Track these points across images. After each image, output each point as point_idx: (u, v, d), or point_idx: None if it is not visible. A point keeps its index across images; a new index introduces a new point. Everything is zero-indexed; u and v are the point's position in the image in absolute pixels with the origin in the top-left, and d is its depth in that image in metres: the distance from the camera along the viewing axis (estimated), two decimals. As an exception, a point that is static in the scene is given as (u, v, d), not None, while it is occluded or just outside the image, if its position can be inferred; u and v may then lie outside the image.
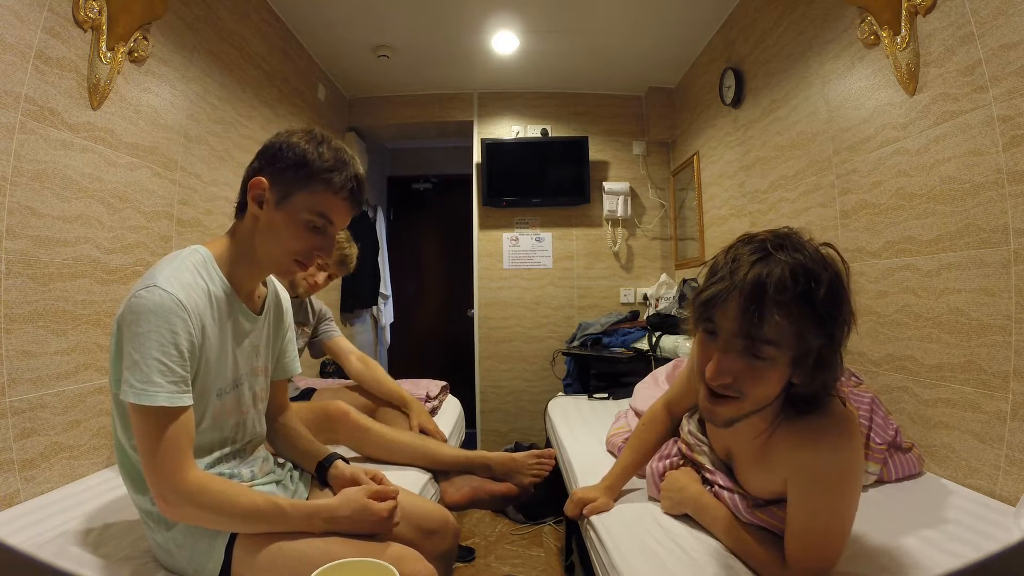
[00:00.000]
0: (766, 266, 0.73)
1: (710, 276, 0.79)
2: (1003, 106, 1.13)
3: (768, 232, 0.79)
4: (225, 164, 2.05)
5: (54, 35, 1.27)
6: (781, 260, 0.73)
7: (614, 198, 3.35)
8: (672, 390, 1.25)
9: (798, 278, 0.72)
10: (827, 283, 0.72)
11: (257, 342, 1.02)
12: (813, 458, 0.79)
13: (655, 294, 3.23)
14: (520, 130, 3.45)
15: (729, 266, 0.76)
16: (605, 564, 1.02)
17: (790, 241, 0.76)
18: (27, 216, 1.21)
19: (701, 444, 1.09)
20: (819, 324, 0.73)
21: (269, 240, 0.92)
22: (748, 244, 0.78)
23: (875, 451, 1.23)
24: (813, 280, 0.72)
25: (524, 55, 2.96)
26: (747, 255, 0.75)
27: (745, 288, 0.73)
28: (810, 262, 0.73)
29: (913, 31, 1.36)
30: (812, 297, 0.71)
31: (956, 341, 1.27)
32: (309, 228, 0.92)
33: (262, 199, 0.91)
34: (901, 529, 1.01)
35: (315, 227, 0.92)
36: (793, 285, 0.71)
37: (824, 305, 0.72)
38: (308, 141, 0.91)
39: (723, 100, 2.56)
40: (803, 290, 0.71)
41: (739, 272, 0.74)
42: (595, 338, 2.94)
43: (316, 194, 0.90)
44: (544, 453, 1.53)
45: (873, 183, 1.54)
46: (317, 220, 0.91)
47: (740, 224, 2.45)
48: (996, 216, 1.16)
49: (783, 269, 0.72)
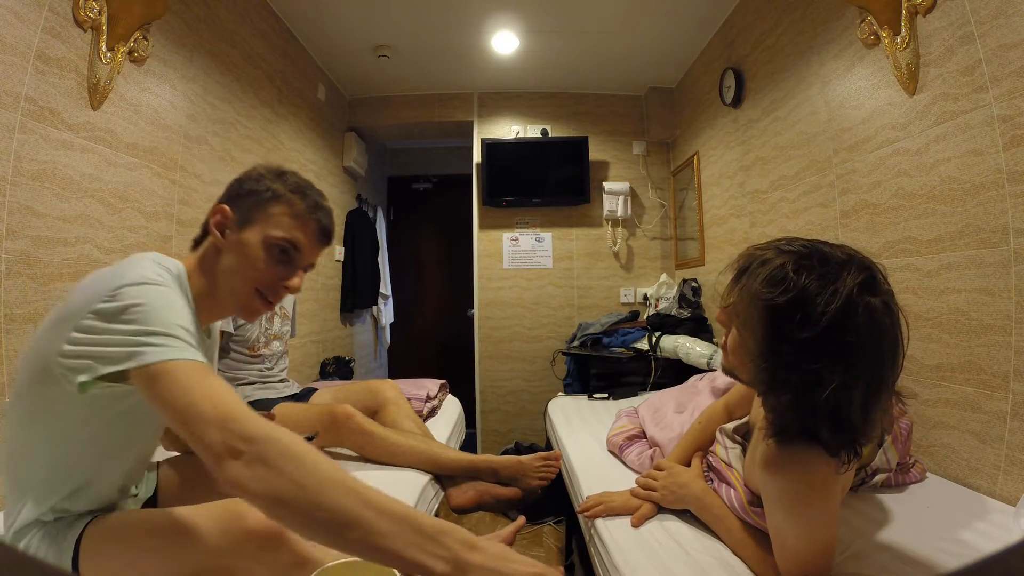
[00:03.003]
0: (779, 257, 0.74)
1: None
2: (1003, 106, 1.13)
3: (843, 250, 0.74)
4: (225, 164, 2.05)
5: (54, 35, 1.27)
6: (786, 264, 0.72)
7: (614, 198, 3.35)
8: (735, 393, 1.25)
9: (775, 284, 0.71)
10: (804, 318, 0.68)
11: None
12: (771, 480, 0.78)
13: (655, 294, 3.23)
14: (520, 130, 3.44)
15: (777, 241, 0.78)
16: (606, 563, 1.02)
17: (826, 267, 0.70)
18: (27, 216, 1.21)
19: (726, 439, 1.10)
20: (775, 338, 0.70)
21: (230, 270, 0.87)
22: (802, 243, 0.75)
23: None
24: (791, 297, 0.69)
25: (524, 55, 2.96)
26: (796, 244, 0.75)
27: (753, 257, 0.76)
28: (809, 292, 0.68)
29: (913, 31, 1.36)
30: (779, 310, 0.70)
31: (956, 341, 1.27)
32: (273, 255, 0.87)
33: (224, 226, 0.88)
34: (901, 529, 1.01)
35: (281, 251, 0.88)
36: (766, 281, 0.72)
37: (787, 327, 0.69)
38: (272, 171, 0.91)
39: (723, 100, 2.56)
40: (772, 300, 0.71)
41: (771, 246, 0.77)
42: (595, 338, 2.94)
43: (280, 217, 0.88)
44: (550, 455, 1.53)
45: (873, 183, 1.55)
46: (282, 243, 0.88)
47: (740, 224, 2.46)
48: (996, 216, 1.16)
49: (777, 269, 0.72)
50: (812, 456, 0.73)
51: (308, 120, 2.87)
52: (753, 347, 0.75)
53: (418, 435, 1.62)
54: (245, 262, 0.87)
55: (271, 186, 0.89)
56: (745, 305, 0.76)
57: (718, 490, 1.04)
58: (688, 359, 2.44)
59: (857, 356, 0.68)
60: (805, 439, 0.73)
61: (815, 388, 0.68)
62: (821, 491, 0.75)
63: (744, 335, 0.78)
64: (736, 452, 1.06)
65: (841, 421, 0.69)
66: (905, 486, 1.23)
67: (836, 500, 0.78)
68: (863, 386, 0.68)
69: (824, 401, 0.68)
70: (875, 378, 0.69)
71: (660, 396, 1.74)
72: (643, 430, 1.56)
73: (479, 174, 3.40)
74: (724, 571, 0.89)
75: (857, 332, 0.67)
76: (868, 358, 0.68)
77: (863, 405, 0.69)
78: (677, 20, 2.58)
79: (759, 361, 0.73)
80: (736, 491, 0.98)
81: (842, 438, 0.71)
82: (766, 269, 0.73)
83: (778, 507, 0.79)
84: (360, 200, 3.67)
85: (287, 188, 0.90)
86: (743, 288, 0.76)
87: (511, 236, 3.45)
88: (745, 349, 0.77)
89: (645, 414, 1.62)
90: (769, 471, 0.78)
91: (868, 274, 0.70)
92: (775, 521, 0.80)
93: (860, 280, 0.69)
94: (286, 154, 2.59)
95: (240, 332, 1.79)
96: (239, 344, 1.79)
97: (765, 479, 0.80)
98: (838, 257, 0.72)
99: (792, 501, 0.76)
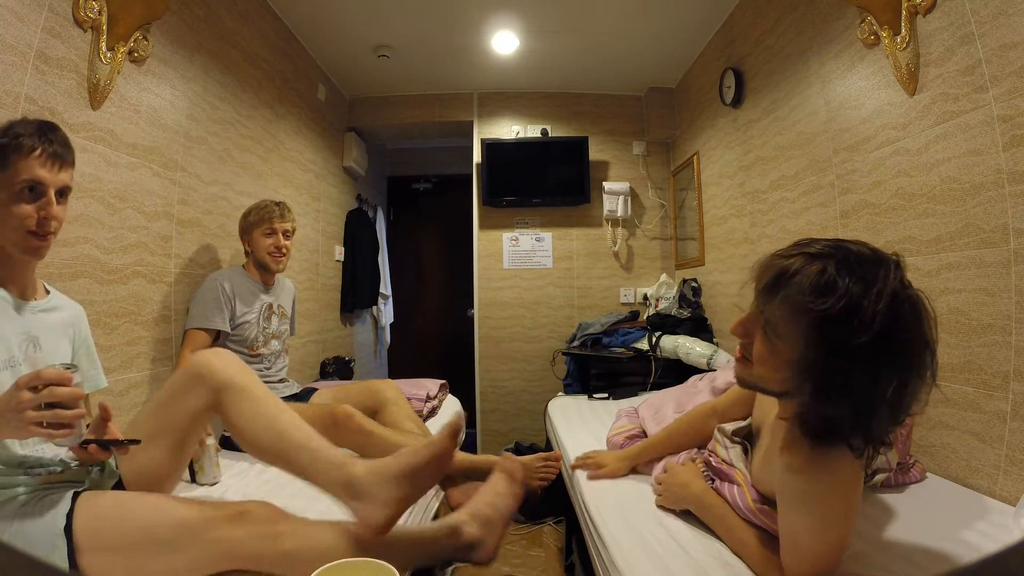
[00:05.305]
0: (813, 263, 0.71)
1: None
2: (1003, 106, 1.13)
3: (866, 247, 0.73)
4: (225, 164, 2.05)
5: (54, 35, 1.27)
6: (827, 270, 0.70)
7: (614, 198, 3.35)
8: (726, 397, 1.26)
9: (824, 292, 0.69)
10: (860, 324, 0.67)
11: (35, 334, 1.03)
12: (797, 480, 0.78)
13: (655, 294, 3.23)
14: (520, 130, 3.44)
15: (800, 245, 0.76)
16: (606, 563, 1.02)
17: (863, 268, 0.69)
18: (27, 216, 1.21)
19: (725, 439, 1.10)
20: (827, 348, 0.69)
21: (1, 228, 0.95)
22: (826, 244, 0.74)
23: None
24: (844, 304, 0.67)
25: (524, 55, 2.96)
26: (820, 246, 0.74)
27: (784, 267, 0.74)
28: (855, 296, 0.67)
29: (913, 31, 1.36)
30: (832, 318, 0.68)
31: (956, 341, 1.27)
32: (21, 199, 0.95)
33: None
34: (901, 529, 1.01)
35: (27, 192, 0.95)
36: (812, 294, 0.69)
37: (842, 334, 0.67)
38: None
39: (723, 100, 2.56)
40: (825, 309, 0.68)
41: (797, 252, 0.75)
42: (595, 338, 2.94)
43: (13, 166, 0.94)
44: (551, 456, 1.53)
45: (873, 183, 1.54)
46: (23, 185, 0.94)
47: (740, 224, 2.46)
48: (996, 216, 1.16)
49: (819, 276, 0.70)
50: (839, 456, 0.73)
51: (308, 120, 2.87)
52: (794, 356, 0.72)
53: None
54: (4, 214, 0.95)
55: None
56: (788, 316, 0.72)
57: (720, 489, 1.04)
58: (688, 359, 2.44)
59: (912, 352, 0.68)
60: (833, 440, 0.73)
61: (873, 389, 0.68)
62: (846, 493, 0.75)
63: (781, 346, 0.74)
64: (737, 451, 1.06)
65: (893, 417, 0.70)
66: (905, 486, 1.23)
67: (857, 503, 0.77)
68: (916, 379, 0.68)
69: (881, 401, 0.68)
70: (924, 368, 0.69)
71: (660, 396, 1.74)
72: (643, 430, 1.56)
73: (479, 174, 3.40)
74: (724, 571, 0.89)
75: (908, 329, 0.67)
76: (919, 352, 0.68)
77: (916, 396, 0.69)
78: (677, 20, 2.58)
79: (807, 370, 0.71)
80: (741, 489, 0.98)
81: (877, 436, 0.71)
82: (807, 278, 0.71)
83: (798, 507, 0.78)
84: (360, 200, 3.67)
85: (8, 135, 0.95)
86: (784, 299, 0.72)
87: (511, 236, 3.45)
88: (781, 359, 0.75)
89: (645, 414, 1.62)
90: (795, 470, 0.77)
91: (901, 269, 0.71)
92: (790, 521, 0.80)
93: (900, 277, 0.69)
94: (286, 154, 2.59)
95: (238, 332, 1.79)
96: (238, 343, 1.79)
97: (788, 479, 0.79)
98: (868, 255, 0.71)
99: (816, 501, 0.76)
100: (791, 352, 0.73)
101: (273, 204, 1.89)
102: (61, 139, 1.00)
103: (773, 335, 0.75)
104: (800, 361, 0.72)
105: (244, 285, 1.84)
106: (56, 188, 0.99)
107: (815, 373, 0.70)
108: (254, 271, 1.90)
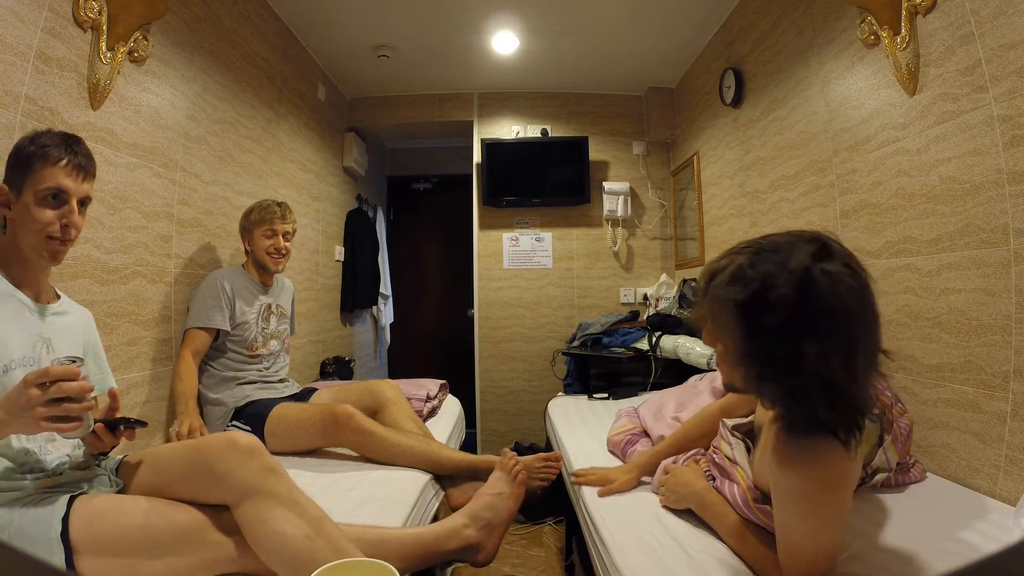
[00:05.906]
0: (734, 260, 0.75)
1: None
2: (1003, 106, 1.13)
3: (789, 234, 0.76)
4: (225, 164, 2.05)
5: (54, 35, 1.27)
6: (742, 262, 0.74)
7: (614, 198, 3.35)
8: (728, 398, 1.26)
9: (737, 280, 0.72)
10: (770, 305, 0.69)
11: (48, 336, 1.04)
12: (784, 476, 0.78)
13: (655, 294, 3.23)
14: (520, 130, 3.45)
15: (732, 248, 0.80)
16: (606, 563, 1.02)
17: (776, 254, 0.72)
18: (27, 216, 1.21)
19: (729, 434, 1.11)
20: (751, 333, 0.71)
21: (22, 232, 1.00)
22: (752, 241, 0.78)
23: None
24: (754, 288, 0.70)
25: (524, 55, 2.96)
26: (744, 244, 0.78)
27: (712, 269, 0.79)
28: (767, 279, 0.70)
29: (913, 31, 1.36)
30: (747, 304, 0.71)
31: (956, 341, 1.27)
32: (44, 205, 0.99)
33: (9, 202, 1.00)
34: (901, 529, 1.01)
35: (50, 199, 0.99)
36: (729, 283, 0.73)
37: (759, 317, 0.70)
38: (26, 138, 1.01)
39: (723, 100, 2.56)
40: (737, 297, 0.72)
41: (726, 254, 0.79)
42: (595, 338, 2.94)
43: (39, 173, 0.98)
44: (551, 456, 1.53)
45: (873, 183, 1.55)
46: (47, 192, 0.99)
47: (740, 224, 2.46)
48: (996, 216, 1.16)
49: (735, 269, 0.74)
50: (826, 449, 0.72)
51: (308, 120, 2.87)
52: (735, 350, 0.75)
53: (418, 435, 1.62)
54: (28, 219, 0.99)
55: (25, 149, 1.00)
56: (717, 312, 0.77)
57: (720, 487, 1.04)
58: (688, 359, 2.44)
59: (826, 321, 0.68)
60: (814, 430, 0.73)
61: (798, 366, 0.68)
62: (835, 489, 0.75)
63: (725, 343, 0.78)
64: (740, 448, 1.06)
65: (833, 393, 0.69)
66: (905, 486, 1.23)
67: (847, 499, 0.77)
68: (841, 349, 0.68)
69: (811, 376, 0.68)
70: (850, 338, 0.69)
71: (660, 396, 1.74)
72: (643, 430, 1.56)
73: (479, 174, 3.40)
74: (724, 571, 0.89)
75: (822, 300, 0.68)
76: (837, 320, 0.68)
77: (847, 368, 0.69)
78: (677, 20, 2.58)
79: (744, 362, 0.74)
80: (740, 487, 0.98)
81: (842, 413, 0.71)
82: (726, 275, 0.75)
83: (788, 503, 0.78)
84: (360, 200, 3.67)
85: (38, 144, 1.00)
86: (713, 299, 0.77)
87: (511, 236, 3.45)
88: (729, 356, 0.77)
89: (645, 414, 1.62)
90: (782, 466, 0.77)
91: (818, 244, 0.72)
92: (783, 518, 0.80)
93: (812, 251, 0.70)
94: (286, 154, 2.59)
95: (237, 332, 1.79)
96: (237, 344, 1.79)
97: (778, 475, 0.79)
98: (786, 240, 0.74)
99: (803, 498, 0.75)
100: (732, 347, 0.76)
101: (275, 205, 1.89)
102: (85, 151, 1.05)
103: (717, 336, 0.79)
104: (737, 353, 0.75)
105: (244, 285, 1.84)
106: (78, 198, 1.03)
107: (752, 362, 0.73)
108: (253, 271, 1.90)
